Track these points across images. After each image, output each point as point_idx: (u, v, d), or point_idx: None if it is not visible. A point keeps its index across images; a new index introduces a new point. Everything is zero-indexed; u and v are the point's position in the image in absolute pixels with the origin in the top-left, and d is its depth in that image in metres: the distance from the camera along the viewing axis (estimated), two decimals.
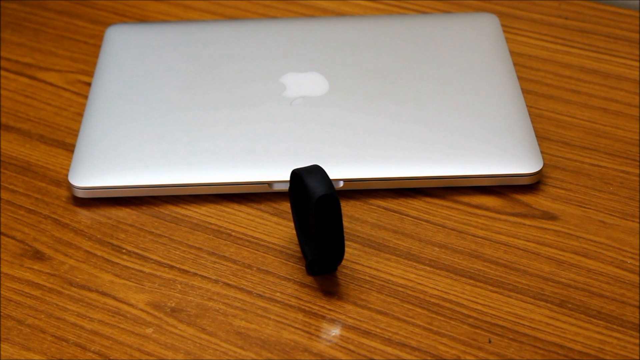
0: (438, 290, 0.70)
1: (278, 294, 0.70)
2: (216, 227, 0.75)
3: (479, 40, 0.88)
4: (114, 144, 0.79)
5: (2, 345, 0.67)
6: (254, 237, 0.74)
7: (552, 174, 0.78)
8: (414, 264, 0.71)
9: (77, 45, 0.94)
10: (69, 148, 0.82)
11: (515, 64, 0.87)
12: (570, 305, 0.68)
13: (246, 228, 0.75)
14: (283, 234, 0.74)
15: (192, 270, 0.72)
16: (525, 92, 0.85)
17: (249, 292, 0.70)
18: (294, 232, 0.73)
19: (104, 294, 0.70)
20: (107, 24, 0.94)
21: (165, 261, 0.73)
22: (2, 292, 0.71)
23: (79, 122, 0.84)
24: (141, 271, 0.72)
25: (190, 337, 0.67)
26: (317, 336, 0.67)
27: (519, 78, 0.85)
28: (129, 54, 0.88)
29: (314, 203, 0.65)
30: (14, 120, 0.85)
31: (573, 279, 0.70)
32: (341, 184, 0.76)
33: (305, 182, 0.66)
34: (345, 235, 0.72)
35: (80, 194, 0.77)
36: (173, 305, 0.69)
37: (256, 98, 0.82)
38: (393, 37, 0.89)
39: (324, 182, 0.66)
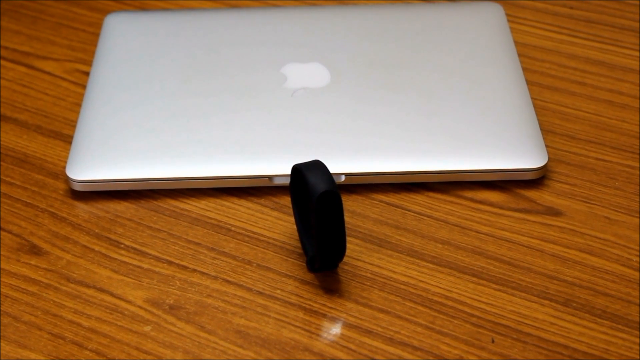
0: (440, 288, 0.69)
1: (278, 291, 0.69)
2: (216, 221, 0.74)
3: (483, 30, 0.87)
4: (113, 136, 0.78)
5: None
6: (254, 232, 0.73)
7: (557, 168, 0.77)
8: (417, 260, 0.70)
9: (75, 34, 0.93)
10: (67, 139, 0.81)
11: (519, 55, 0.86)
12: (574, 304, 0.67)
13: (246, 223, 0.74)
14: (283, 229, 0.73)
15: (191, 266, 0.71)
16: (529, 83, 0.83)
17: (249, 289, 0.69)
18: (295, 227, 0.72)
19: (101, 290, 0.69)
20: (105, 11, 0.93)
21: (164, 257, 0.72)
22: None
23: (77, 112, 0.83)
24: (139, 267, 0.71)
25: (188, 335, 0.66)
26: (318, 335, 0.66)
27: (524, 69, 0.84)
28: (128, 42, 0.87)
29: (315, 200, 0.64)
30: (11, 110, 0.84)
31: (578, 277, 0.69)
32: (342, 178, 0.75)
33: (306, 178, 0.65)
34: (346, 230, 0.71)
35: (77, 187, 0.76)
36: (171, 302, 0.68)
37: (257, 89, 0.81)
38: (396, 27, 0.87)
39: (325, 178, 0.65)
